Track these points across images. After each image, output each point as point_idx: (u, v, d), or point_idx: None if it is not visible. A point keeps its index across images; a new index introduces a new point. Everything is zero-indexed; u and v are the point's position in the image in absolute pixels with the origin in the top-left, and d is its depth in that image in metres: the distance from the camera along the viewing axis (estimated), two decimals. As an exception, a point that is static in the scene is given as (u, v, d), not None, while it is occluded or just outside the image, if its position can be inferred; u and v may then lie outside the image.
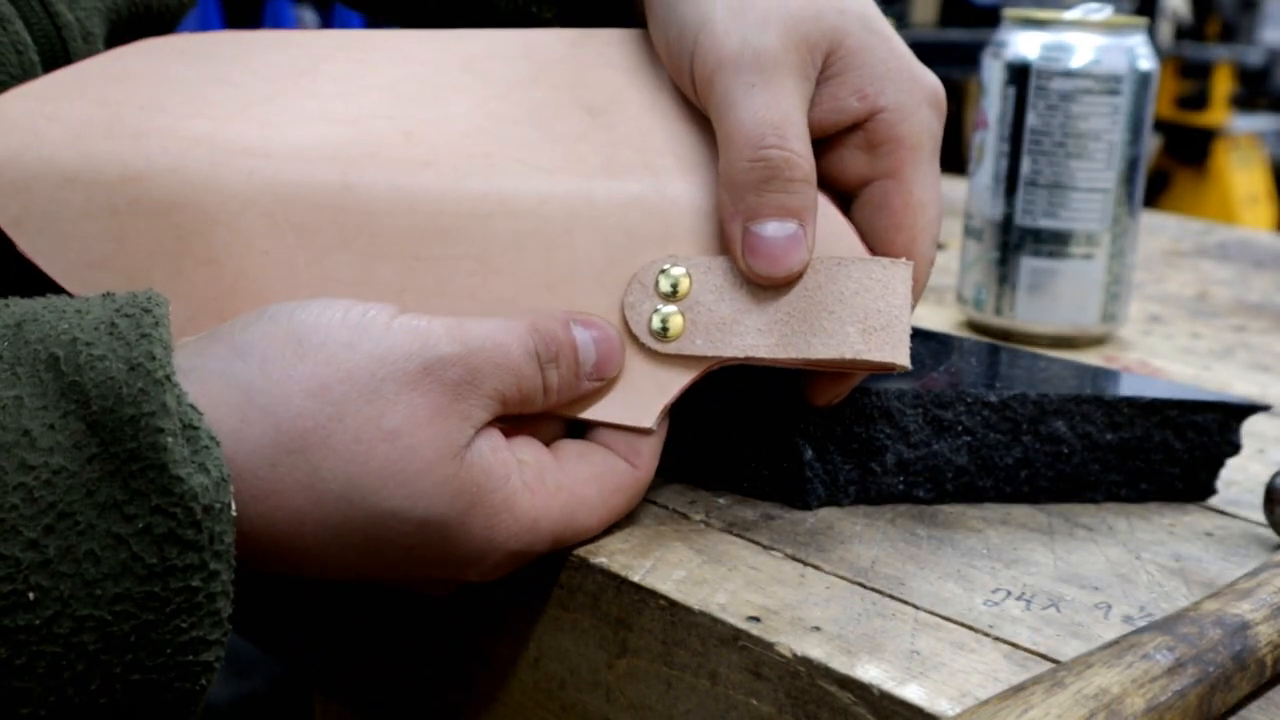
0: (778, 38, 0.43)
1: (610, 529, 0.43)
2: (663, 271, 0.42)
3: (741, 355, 0.42)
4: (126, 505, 0.32)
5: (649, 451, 0.42)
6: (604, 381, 0.42)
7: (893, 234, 0.44)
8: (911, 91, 0.45)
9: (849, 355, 0.41)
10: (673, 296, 0.42)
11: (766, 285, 0.42)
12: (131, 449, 0.32)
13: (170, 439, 0.32)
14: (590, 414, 0.42)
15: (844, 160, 0.45)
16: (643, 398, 0.42)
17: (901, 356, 0.41)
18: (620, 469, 0.42)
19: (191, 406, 0.34)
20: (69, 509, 0.32)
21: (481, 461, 0.38)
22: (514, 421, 0.40)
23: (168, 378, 0.33)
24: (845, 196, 0.45)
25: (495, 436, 0.39)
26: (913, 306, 0.43)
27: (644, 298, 0.42)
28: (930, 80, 0.46)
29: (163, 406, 0.33)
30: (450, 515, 0.37)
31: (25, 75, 0.43)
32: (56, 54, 0.45)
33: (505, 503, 0.38)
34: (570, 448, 0.42)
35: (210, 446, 0.33)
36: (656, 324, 0.42)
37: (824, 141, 0.44)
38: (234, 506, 0.34)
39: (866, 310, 0.41)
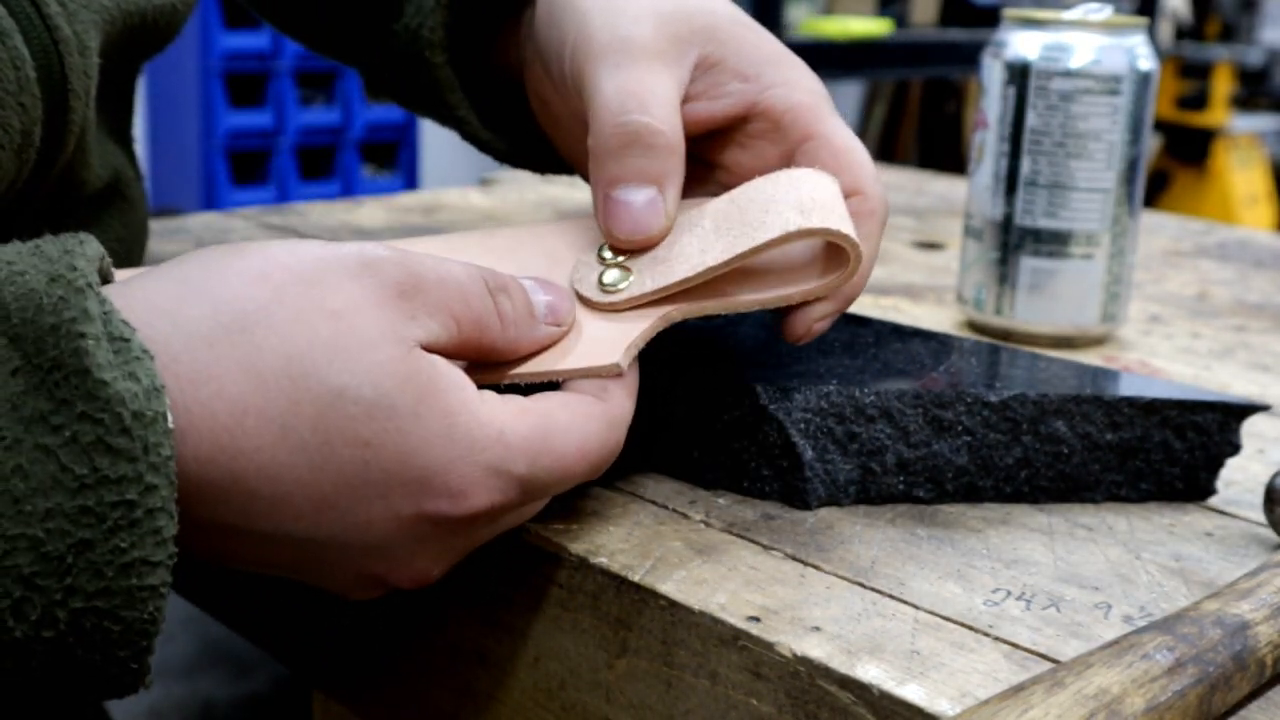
0: (649, 29, 0.45)
1: (610, 529, 0.43)
2: (601, 246, 0.45)
3: (694, 273, 0.42)
4: (53, 415, 0.31)
5: (620, 391, 0.41)
6: (560, 329, 0.41)
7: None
8: (791, 65, 0.47)
9: (792, 229, 0.42)
10: (614, 264, 0.44)
11: (628, 249, 0.44)
12: (54, 357, 0.32)
13: (92, 343, 0.32)
14: (559, 367, 0.41)
15: (759, 153, 0.47)
16: (607, 344, 0.42)
17: (846, 228, 0.42)
18: (590, 400, 0.40)
19: (123, 322, 0.33)
20: None
21: (432, 359, 0.37)
22: (479, 371, 0.39)
23: (89, 285, 0.33)
24: None
25: (450, 363, 0.38)
26: (878, 240, 0.46)
27: (589, 270, 0.44)
28: (800, 60, 0.48)
29: (84, 312, 0.32)
30: (401, 402, 0.35)
31: (21, 91, 0.43)
32: (53, 69, 0.45)
33: (463, 405, 0.36)
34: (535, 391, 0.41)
35: (141, 358, 0.32)
36: (605, 280, 0.43)
37: (735, 144, 0.47)
38: (170, 418, 0.32)
39: (800, 198, 0.43)
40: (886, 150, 3.73)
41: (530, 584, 0.43)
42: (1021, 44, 0.64)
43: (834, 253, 0.44)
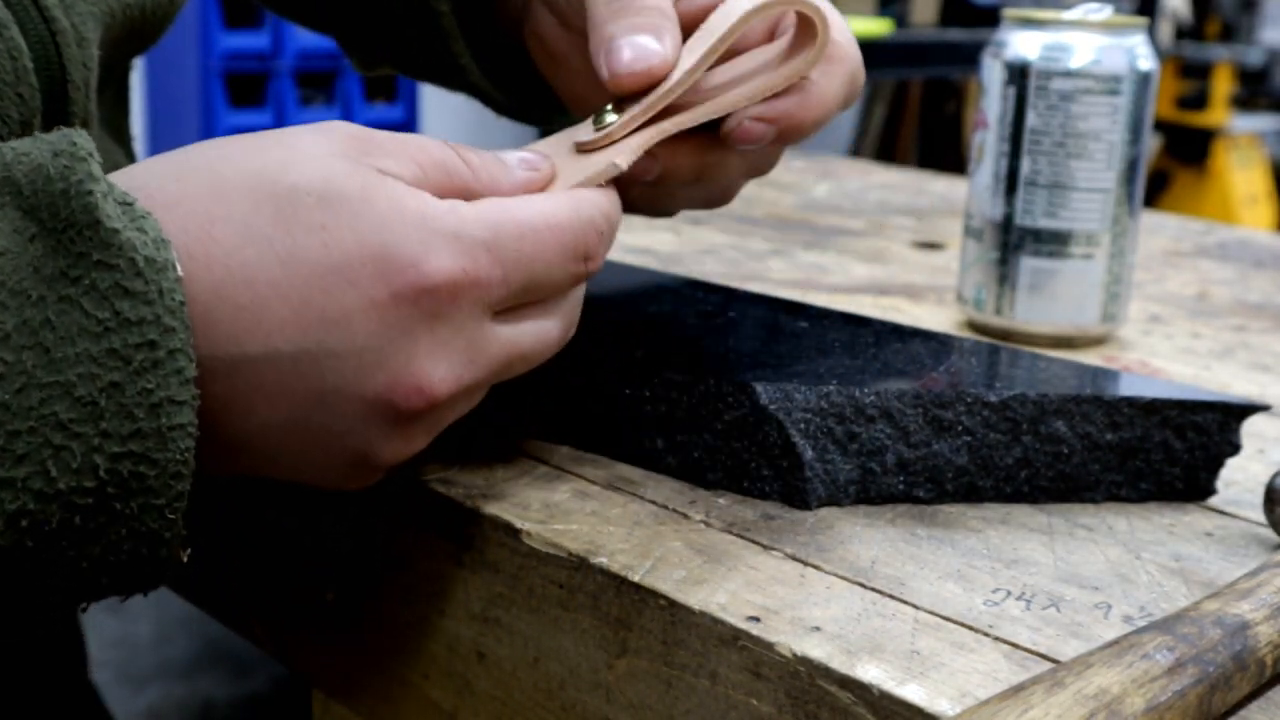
0: None
1: (610, 529, 0.43)
2: (598, 112, 0.45)
3: (674, 82, 0.43)
4: (72, 269, 0.34)
5: (592, 191, 0.42)
6: (537, 174, 0.42)
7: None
8: None
9: (751, 6, 0.43)
10: (607, 111, 0.45)
11: (630, 88, 0.44)
12: (66, 217, 0.34)
13: (100, 198, 0.34)
14: (557, 185, 0.43)
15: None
16: (604, 159, 0.43)
17: None
18: (555, 193, 0.42)
19: (123, 192, 0.35)
20: (19, 286, 0.33)
21: (380, 171, 0.39)
22: None
23: (90, 154, 0.35)
24: None
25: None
26: (842, 87, 0.47)
27: (584, 127, 0.45)
28: None
29: (89, 174, 0.34)
30: (349, 188, 0.37)
31: (18, 82, 0.44)
32: (51, 60, 0.45)
33: (412, 192, 0.38)
34: None
35: (146, 216, 0.35)
36: (598, 123, 0.44)
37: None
38: (179, 267, 0.35)
39: None
40: (886, 150, 3.73)
41: (530, 584, 0.43)
42: (1021, 44, 0.64)
43: (806, 38, 0.45)
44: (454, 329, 0.38)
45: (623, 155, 0.43)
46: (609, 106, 0.45)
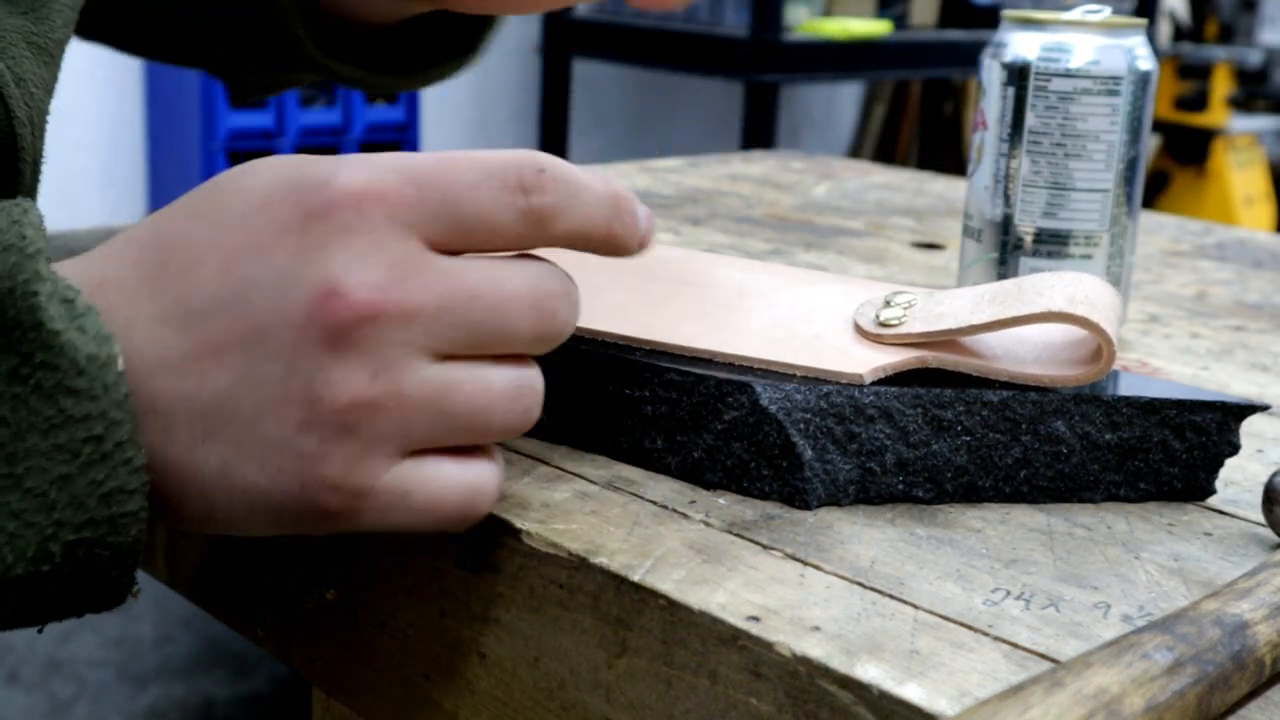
0: None
1: (610, 529, 0.43)
2: (891, 294, 0.50)
3: (957, 326, 0.47)
4: (21, 368, 0.35)
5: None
6: (648, 226, 0.41)
7: None
8: None
9: (1054, 309, 0.45)
10: (896, 306, 0.49)
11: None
12: (13, 318, 0.35)
13: (44, 299, 0.35)
14: (802, 361, 0.46)
15: None
16: (859, 360, 0.47)
17: (1105, 324, 0.45)
18: None
19: (68, 286, 0.36)
20: None
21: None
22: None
23: (39, 251, 0.36)
24: None
25: None
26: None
27: (871, 309, 0.50)
28: None
29: (36, 274, 0.35)
30: (279, 161, 0.39)
31: None
32: None
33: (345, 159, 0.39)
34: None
35: (87, 313, 0.36)
36: (882, 317, 0.49)
37: None
38: (121, 363, 0.36)
39: (1074, 292, 0.46)
40: (886, 150, 3.73)
41: (530, 584, 0.43)
42: (1021, 44, 0.64)
43: (1097, 354, 0.46)
44: (370, 243, 0.37)
45: (873, 373, 0.46)
46: (893, 301, 0.50)
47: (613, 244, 0.40)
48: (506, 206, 0.38)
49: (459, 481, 0.39)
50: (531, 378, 0.40)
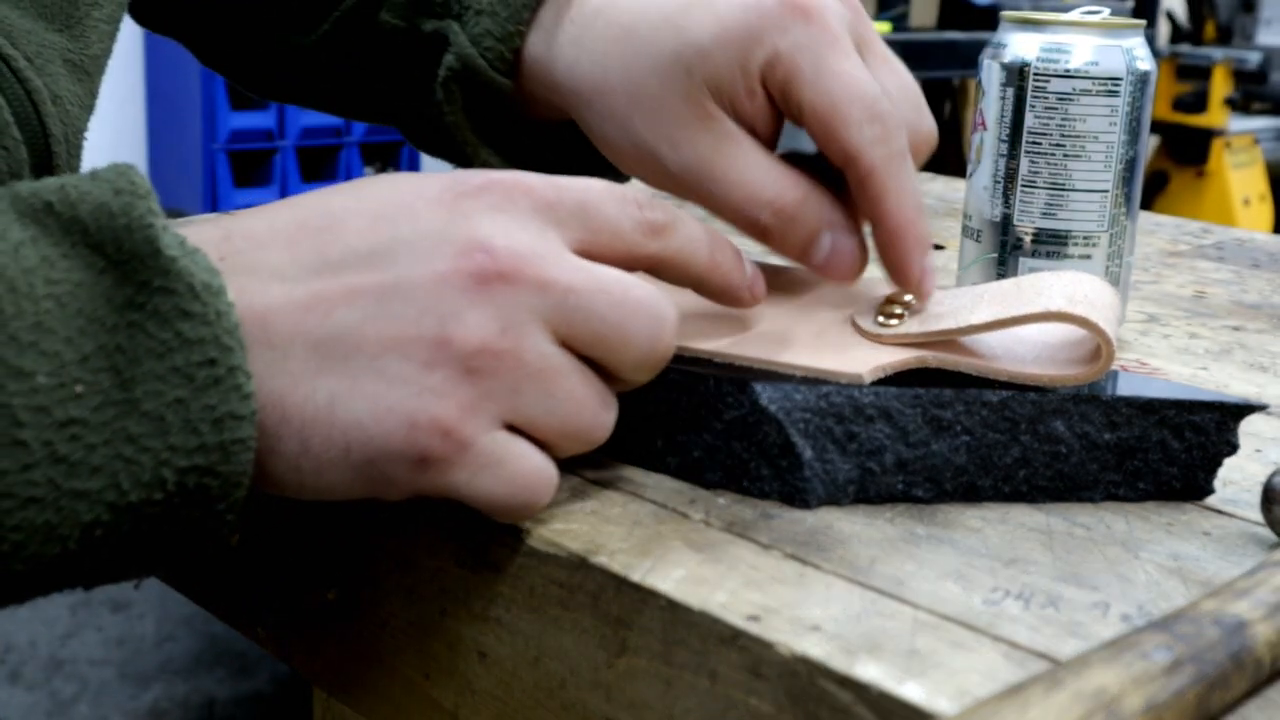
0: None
1: (610, 529, 0.43)
2: (890, 294, 0.51)
3: (955, 326, 0.47)
4: (138, 296, 0.36)
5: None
6: (754, 273, 0.47)
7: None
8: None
9: (1053, 309, 0.45)
10: (896, 306, 0.50)
11: (906, 303, 0.51)
12: (130, 249, 0.36)
13: (160, 231, 0.37)
14: (802, 362, 0.46)
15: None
16: (860, 360, 0.47)
17: (1104, 325, 0.45)
18: None
19: (176, 233, 0.38)
20: (95, 314, 0.36)
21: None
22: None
23: (149, 193, 0.38)
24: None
25: None
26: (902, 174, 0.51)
27: (870, 309, 0.50)
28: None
29: (149, 209, 0.37)
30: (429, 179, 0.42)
31: (2, 135, 0.46)
32: (29, 116, 0.48)
33: None
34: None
35: (195, 251, 0.37)
36: (880, 317, 0.49)
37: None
38: (231, 294, 0.37)
39: (1074, 292, 0.46)
40: (885, 151, 3.72)
41: (530, 584, 0.43)
42: (1020, 45, 0.64)
43: (1096, 353, 0.47)
44: (517, 222, 0.41)
45: (872, 372, 0.46)
46: (893, 300, 0.50)
47: (716, 271, 0.46)
48: (628, 217, 0.43)
49: (541, 469, 0.41)
50: (613, 404, 0.43)
